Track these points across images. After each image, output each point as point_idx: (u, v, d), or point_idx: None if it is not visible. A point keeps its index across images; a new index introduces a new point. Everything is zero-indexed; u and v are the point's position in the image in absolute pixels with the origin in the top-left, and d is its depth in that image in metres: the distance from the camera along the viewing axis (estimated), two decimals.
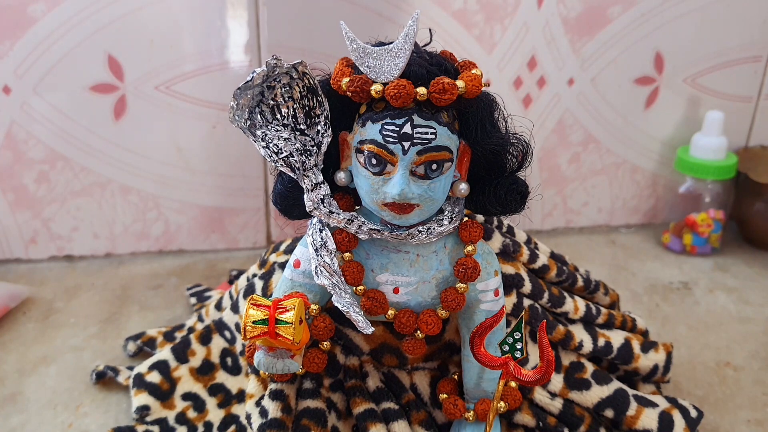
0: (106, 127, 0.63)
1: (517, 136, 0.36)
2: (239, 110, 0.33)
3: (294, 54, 0.62)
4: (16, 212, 0.65)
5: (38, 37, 0.59)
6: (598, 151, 0.73)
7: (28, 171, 0.63)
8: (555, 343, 0.43)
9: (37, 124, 0.62)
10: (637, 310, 0.60)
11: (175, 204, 0.67)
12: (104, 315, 0.58)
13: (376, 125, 0.33)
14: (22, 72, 0.60)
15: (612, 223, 0.77)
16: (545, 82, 0.68)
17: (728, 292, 0.64)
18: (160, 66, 0.61)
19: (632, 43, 0.68)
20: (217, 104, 0.64)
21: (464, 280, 0.36)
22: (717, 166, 0.68)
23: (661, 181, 0.76)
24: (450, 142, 0.33)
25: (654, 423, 0.41)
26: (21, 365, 0.51)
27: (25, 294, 0.60)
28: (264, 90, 0.32)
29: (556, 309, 0.45)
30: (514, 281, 0.43)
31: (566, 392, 0.42)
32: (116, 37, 0.60)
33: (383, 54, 0.32)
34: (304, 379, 0.40)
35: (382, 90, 0.32)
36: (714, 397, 0.49)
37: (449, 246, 0.37)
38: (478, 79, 0.33)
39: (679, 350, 0.54)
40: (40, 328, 0.56)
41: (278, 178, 0.37)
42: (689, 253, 0.71)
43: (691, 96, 0.72)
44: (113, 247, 0.68)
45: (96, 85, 0.61)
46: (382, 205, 0.34)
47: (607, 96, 0.71)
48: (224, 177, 0.67)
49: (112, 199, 0.66)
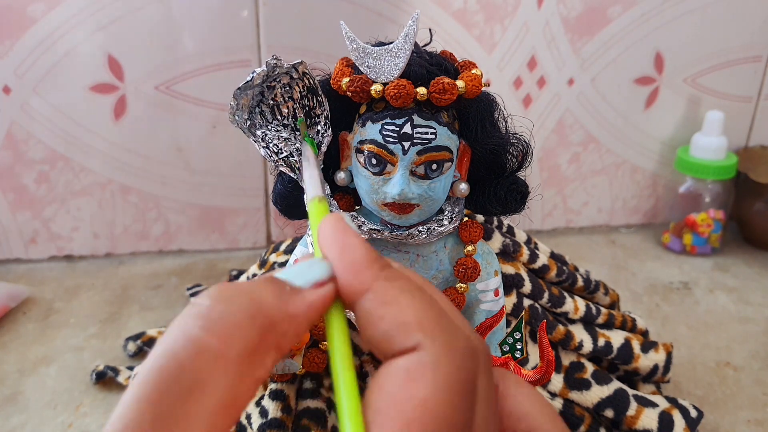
0: (106, 127, 0.63)
1: (517, 136, 0.36)
2: (239, 110, 0.32)
3: (294, 54, 0.62)
4: (16, 212, 0.65)
5: (38, 37, 0.59)
6: (598, 151, 0.73)
7: (28, 171, 0.63)
8: (555, 343, 0.43)
9: (37, 124, 0.62)
10: (637, 310, 0.60)
11: (175, 204, 0.67)
12: (104, 315, 0.58)
13: (376, 125, 0.33)
14: (22, 72, 0.60)
15: (612, 223, 0.77)
16: (545, 82, 0.68)
17: (728, 292, 0.64)
18: (160, 66, 0.61)
19: (632, 43, 0.68)
20: (217, 104, 0.64)
21: (464, 280, 0.36)
22: (717, 166, 0.68)
23: (661, 181, 0.76)
24: (450, 142, 0.33)
25: (654, 423, 0.41)
26: (21, 365, 0.51)
27: (25, 294, 0.60)
28: (264, 90, 0.32)
29: (556, 309, 0.45)
30: (514, 281, 0.43)
31: (566, 392, 0.42)
32: (116, 37, 0.60)
33: (383, 54, 0.32)
34: (304, 379, 0.40)
35: (382, 90, 0.32)
36: (714, 397, 0.49)
37: (449, 246, 0.37)
38: (478, 79, 0.33)
39: (679, 350, 0.54)
40: (40, 328, 0.56)
41: (278, 178, 0.37)
42: (689, 253, 0.71)
43: (691, 96, 0.72)
44: (113, 247, 0.68)
45: (96, 85, 0.61)
46: (382, 205, 0.34)
47: (607, 96, 0.71)
48: (224, 177, 0.67)
49: (112, 199, 0.66)
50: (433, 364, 0.16)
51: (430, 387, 0.16)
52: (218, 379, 0.15)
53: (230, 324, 0.16)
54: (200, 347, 0.15)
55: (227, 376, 0.15)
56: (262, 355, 0.16)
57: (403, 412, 0.15)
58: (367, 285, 0.18)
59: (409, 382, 0.16)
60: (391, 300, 0.17)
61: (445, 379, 0.16)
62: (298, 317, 0.17)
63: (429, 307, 0.17)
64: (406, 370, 0.16)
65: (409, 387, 0.16)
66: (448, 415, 0.16)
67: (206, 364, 0.15)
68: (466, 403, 0.16)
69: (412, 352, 0.16)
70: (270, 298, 0.17)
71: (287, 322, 0.17)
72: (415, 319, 0.17)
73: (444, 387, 0.16)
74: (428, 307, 0.17)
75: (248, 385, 0.16)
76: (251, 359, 0.16)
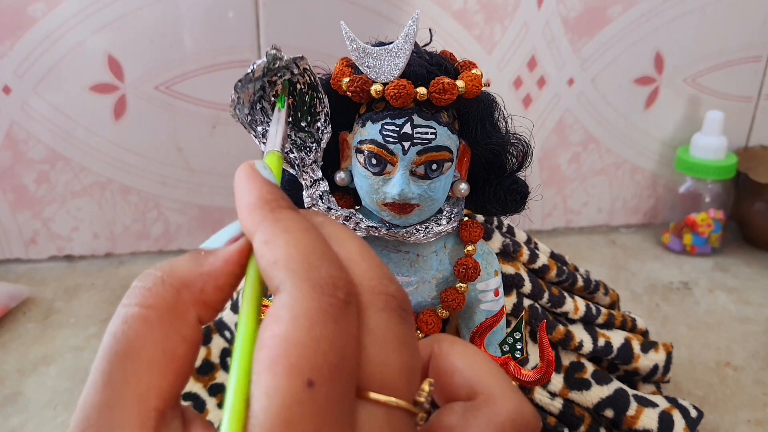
0: (106, 127, 0.63)
1: (517, 136, 0.36)
2: (240, 104, 0.32)
3: (294, 54, 0.62)
4: (16, 212, 0.65)
5: (38, 37, 0.59)
6: (598, 151, 0.73)
7: (28, 171, 0.63)
8: (555, 343, 0.43)
9: (37, 124, 0.62)
10: (637, 310, 0.60)
11: (175, 204, 0.67)
12: (104, 315, 0.58)
13: (376, 125, 0.33)
14: (22, 72, 0.60)
15: (612, 223, 0.77)
16: (545, 82, 0.68)
17: (728, 292, 0.64)
18: (160, 66, 0.61)
19: (632, 43, 0.68)
20: (217, 104, 0.64)
21: (464, 280, 0.36)
22: (717, 166, 0.68)
23: (661, 181, 0.76)
24: (450, 142, 0.33)
25: (654, 423, 0.41)
26: (21, 365, 0.51)
27: (25, 294, 0.60)
28: (265, 85, 0.32)
29: (556, 309, 0.45)
30: (514, 281, 0.43)
31: (566, 392, 0.42)
32: (116, 37, 0.60)
33: (383, 54, 0.32)
34: None
35: (382, 90, 0.32)
36: (714, 397, 0.49)
37: (449, 246, 0.37)
38: (478, 79, 0.33)
39: (679, 350, 0.54)
40: (40, 328, 0.56)
41: None
42: (689, 253, 0.71)
43: (691, 96, 0.72)
44: (113, 247, 0.68)
45: (96, 85, 0.61)
46: (382, 205, 0.34)
47: (607, 96, 0.71)
48: (224, 177, 0.67)
49: (112, 199, 0.66)
50: (290, 299, 0.16)
51: (288, 322, 0.16)
52: (144, 340, 0.17)
53: (144, 290, 0.18)
54: (125, 317, 0.17)
55: (152, 335, 0.17)
56: (183, 313, 0.18)
57: (269, 350, 0.16)
58: (257, 226, 0.18)
59: (273, 323, 0.16)
60: (271, 239, 0.18)
61: (302, 311, 0.16)
62: (214, 272, 0.18)
63: (303, 244, 0.17)
64: (270, 313, 0.17)
65: (273, 327, 0.16)
66: (308, 344, 0.16)
67: (131, 329, 0.17)
68: (330, 332, 0.16)
69: (278, 294, 0.17)
70: (181, 264, 0.19)
71: (202, 279, 0.18)
72: (284, 256, 0.17)
73: (301, 318, 0.16)
74: (302, 245, 0.17)
75: (176, 341, 0.17)
76: (172, 317, 0.17)
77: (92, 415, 0.16)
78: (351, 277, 0.18)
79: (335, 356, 0.16)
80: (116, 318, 0.17)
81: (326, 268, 0.17)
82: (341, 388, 0.16)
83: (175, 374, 0.17)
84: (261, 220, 0.18)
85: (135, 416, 0.16)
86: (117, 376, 0.17)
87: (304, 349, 0.16)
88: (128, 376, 0.17)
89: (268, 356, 0.16)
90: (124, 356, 0.17)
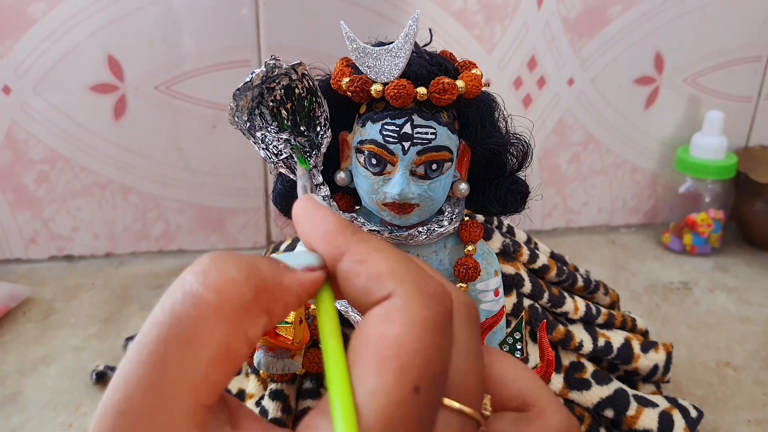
0: (106, 127, 0.63)
1: (517, 136, 0.36)
2: (239, 112, 0.32)
3: (294, 54, 0.62)
4: (16, 212, 0.65)
5: (38, 37, 0.59)
6: (598, 151, 0.73)
7: (28, 171, 0.63)
8: (555, 343, 0.43)
9: (37, 124, 0.62)
10: (637, 310, 0.60)
11: (175, 204, 0.67)
12: (104, 315, 0.58)
13: (376, 125, 0.33)
14: (22, 72, 0.60)
15: (612, 223, 0.77)
16: (545, 82, 0.68)
17: (728, 292, 0.64)
18: (160, 66, 0.61)
19: (632, 43, 0.68)
20: (217, 104, 0.64)
21: (464, 280, 0.36)
22: (717, 166, 0.68)
23: (661, 181, 0.76)
24: (450, 142, 0.33)
25: (654, 423, 0.41)
26: (21, 365, 0.51)
27: (25, 294, 0.60)
28: (263, 91, 0.32)
29: (556, 309, 0.45)
30: (514, 281, 0.43)
31: (566, 392, 0.42)
32: (116, 37, 0.60)
33: (383, 54, 0.32)
34: (304, 379, 0.40)
35: (382, 90, 0.32)
36: (714, 397, 0.49)
37: (449, 246, 0.37)
38: (478, 79, 0.33)
39: (679, 350, 0.54)
40: (40, 328, 0.56)
41: (278, 178, 0.37)
42: (689, 253, 0.71)
43: (691, 96, 0.72)
44: (113, 247, 0.68)
45: (96, 85, 0.61)
46: (382, 205, 0.34)
47: (607, 96, 0.71)
48: (224, 177, 0.67)
49: (112, 199, 0.66)
50: (404, 304, 0.17)
51: (401, 325, 0.16)
52: (213, 332, 0.16)
53: (227, 279, 0.16)
54: (197, 301, 0.16)
55: (222, 329, 0.16)
56: (255, 316, 0.17)
57: (379, 350, 0.16)
58: (343, 249, 0.19)
59: (382, 323, 0.17)
60: (366, 257, 0.18)
61: (415, 318, 0.17)
62: (291, 290, 0.18)
63: (400, 259, 0.18)
64: (380, 315, 0.17)
65: (383, 327, 0.16)
66: (420, 351, 0.16)
67: (202, 316, 0.16)
68: (438, 342, 0.17)
69: (387, 300, 0.17)
70: (265, 267, 0.18)
71: (280, 291, 0.18)
72: (387, 270, 0.18)
73: (415, 325, 0.16)
74: (399, 260, 0.18)
75: (241, 341, 0.17)
76: (245, 316, 0.17)
77: (136, 395, 0.15)
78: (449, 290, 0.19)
79: (439, 366, 0.17)
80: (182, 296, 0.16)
81: (431, 279, 0.18)
82: (438, 397, 0.17)
83: (228, 375, 0.17)
84: (346, 244, 0.19)
85: (185, 407, 0.15)
86: (172, 361, 0.15)
87: (416, 355, 0.16)
88: (186, 363, 0.16)
89: (377, 354, 0.16)
90: (187, 342, 0.16)
